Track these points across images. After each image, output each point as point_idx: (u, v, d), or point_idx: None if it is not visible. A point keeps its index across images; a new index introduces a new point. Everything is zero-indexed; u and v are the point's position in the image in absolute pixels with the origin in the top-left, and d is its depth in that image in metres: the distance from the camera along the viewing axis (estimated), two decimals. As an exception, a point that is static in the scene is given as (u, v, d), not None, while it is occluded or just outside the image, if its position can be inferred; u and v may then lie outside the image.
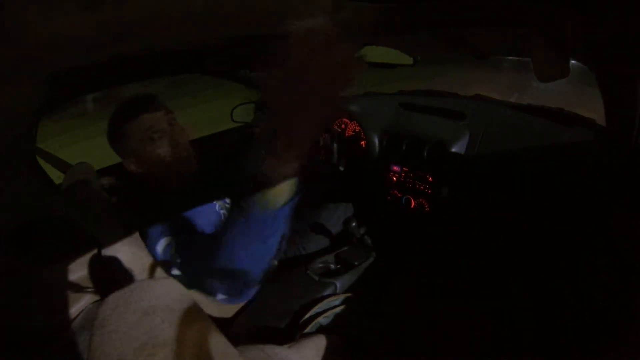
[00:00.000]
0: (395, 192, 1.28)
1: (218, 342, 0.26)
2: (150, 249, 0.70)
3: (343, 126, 1.44)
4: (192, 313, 0.24)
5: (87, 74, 0.71)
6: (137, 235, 0.72)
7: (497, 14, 0.53)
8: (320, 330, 0.90)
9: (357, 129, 1.39)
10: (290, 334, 0.88)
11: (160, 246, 0.69)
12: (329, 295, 1.01)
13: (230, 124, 1.53)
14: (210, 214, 0.80)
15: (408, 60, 1.00)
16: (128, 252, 0.68)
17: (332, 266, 1.13)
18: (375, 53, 1.02)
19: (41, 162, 0.76)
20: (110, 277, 0.63)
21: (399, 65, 1.08)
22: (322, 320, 0.90)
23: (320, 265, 1.11)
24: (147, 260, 0.70)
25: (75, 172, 0.82)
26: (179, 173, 0.83)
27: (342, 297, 1.00)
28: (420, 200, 1.21)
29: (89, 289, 0.60)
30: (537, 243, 0.95)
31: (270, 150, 0.42)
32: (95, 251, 0.64)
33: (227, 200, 0.91)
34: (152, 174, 0.82)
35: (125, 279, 0.64)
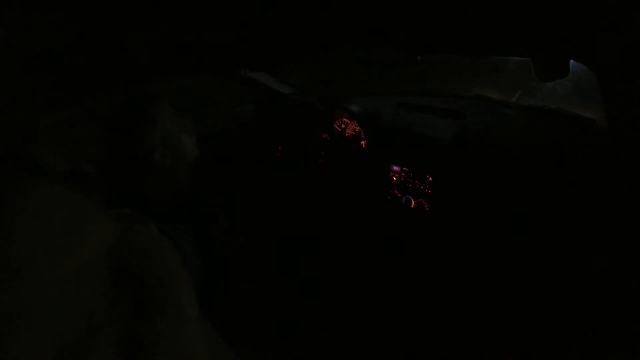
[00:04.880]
0: (395, 192, 1.28)
1: None
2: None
3: (343, 126, 1.44)
4: None
5: (89, 74, 0.70)
6: None
7: (497, 14, 0.53)
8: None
9: (357, 129, 1.39)
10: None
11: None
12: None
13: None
14: None
15: (408, 60, 1.00)
16: None
17: None
18: (375, 53, 1.02)
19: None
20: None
21: (399, 65, 1.07)
22: None
23: None
24: None
25: None
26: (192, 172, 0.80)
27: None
28: (420, 200, 1.21)
29: None
30: (537, 243, 0.95)
31: None
32: None
33: None
34: (177, 166, 0.76)
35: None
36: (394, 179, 1.28)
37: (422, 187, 1.21)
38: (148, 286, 0.16)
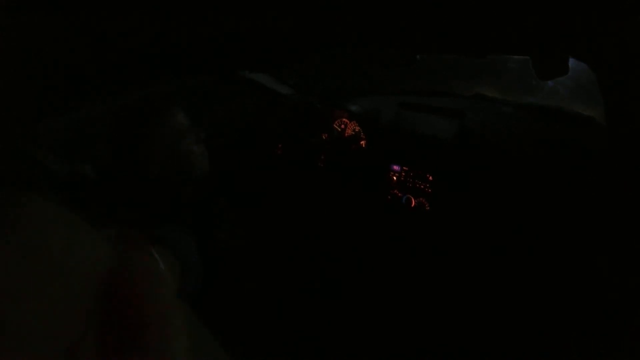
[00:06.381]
0: (395, 191, 1.28)
1: None
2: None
3: (343, 126, 1.44)
4: None
5: (92, 76, 0.69)
6: None
7: (498, 12, 0.53)
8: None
9: (357, 129, 1.39)
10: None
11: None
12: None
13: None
14: None
15: (408, 60, 1.00)
16: None
17: None
18: (375, 53, 1.02)
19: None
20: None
21: (399, 65, 1.07)
22: None
23: None
24: None
25: None
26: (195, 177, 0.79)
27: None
28: (421, 199, 1.21)
29: None
30: (537, 242, 0.95)
31: None
32: None
33: None
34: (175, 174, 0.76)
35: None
36: (394, 178, 1.28)
37: (422, 187, 1.21)
38: (137, 318, 0.16)
